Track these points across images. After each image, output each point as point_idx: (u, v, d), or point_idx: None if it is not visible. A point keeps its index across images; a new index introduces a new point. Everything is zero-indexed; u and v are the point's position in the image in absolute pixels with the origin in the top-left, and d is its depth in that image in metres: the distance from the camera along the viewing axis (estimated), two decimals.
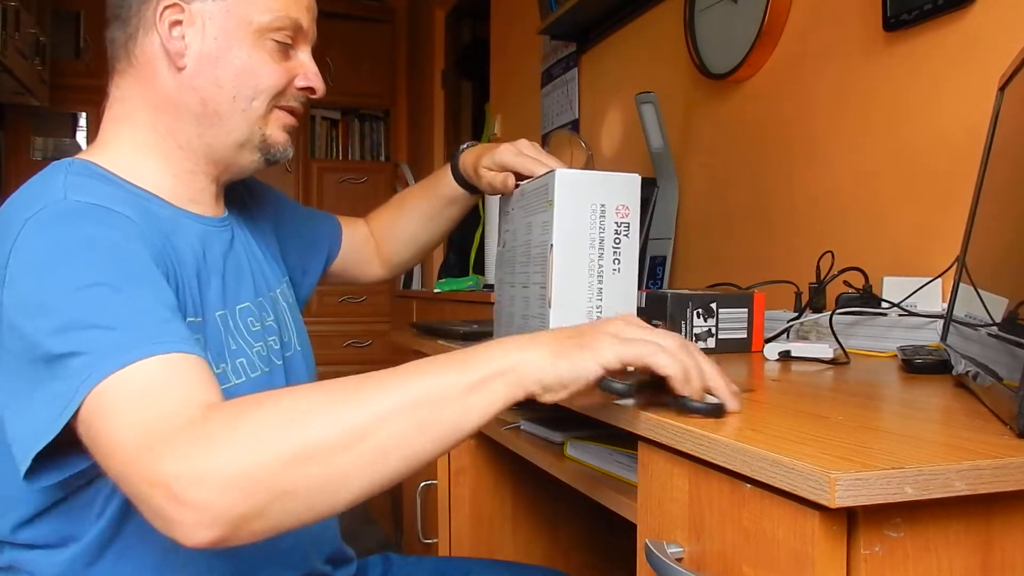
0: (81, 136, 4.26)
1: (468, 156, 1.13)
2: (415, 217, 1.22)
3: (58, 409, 0.64)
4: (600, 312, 0.78)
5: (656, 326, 0.66)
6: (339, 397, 0.60)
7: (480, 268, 2.67)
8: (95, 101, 4.14)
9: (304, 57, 0.90)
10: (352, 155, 4.69)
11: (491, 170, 1.04)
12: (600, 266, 0.78)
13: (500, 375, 0.61)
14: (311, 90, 0.91)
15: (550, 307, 0.77)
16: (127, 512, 0.77)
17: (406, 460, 0.60)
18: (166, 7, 0.83)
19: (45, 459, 0.67)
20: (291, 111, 0.90)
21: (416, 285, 3.91)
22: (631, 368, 0.63)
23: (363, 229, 1.26)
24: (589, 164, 2.07)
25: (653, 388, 0.65)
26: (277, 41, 0.86)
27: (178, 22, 0.84)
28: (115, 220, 0.75)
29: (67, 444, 0.66)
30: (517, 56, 3.09)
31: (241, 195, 1.02)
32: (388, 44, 4.63)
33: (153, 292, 0.71)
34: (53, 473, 0.71)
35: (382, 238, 1.25)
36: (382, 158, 4.74)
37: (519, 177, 0.99)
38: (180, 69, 0.84)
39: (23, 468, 0.67)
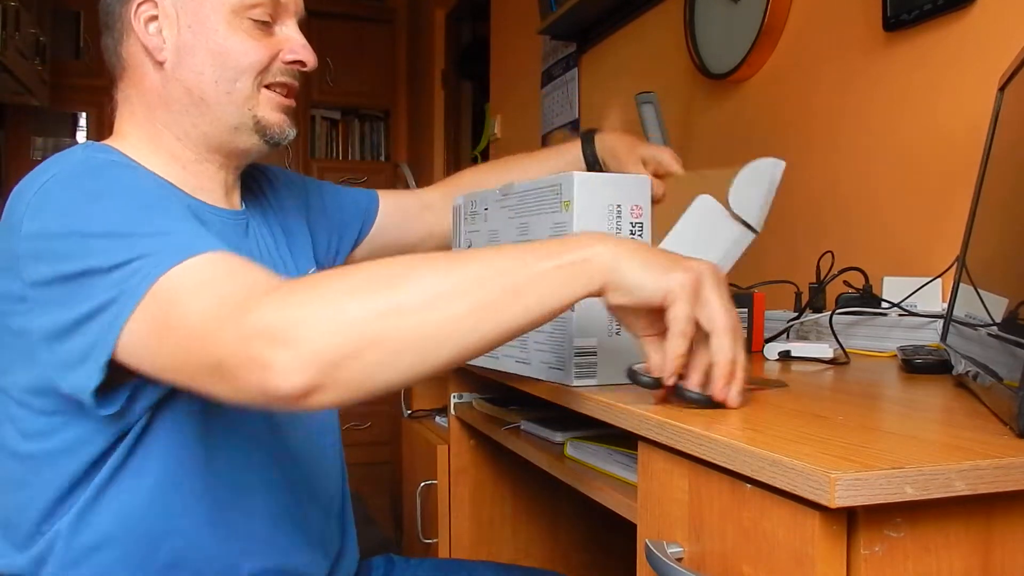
0: (81, 136, 4.25)
1: (612, 139, 1.15)
2: (514, 175, 1.15)
3: (113, 313, 0.65)
4: None
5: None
6: (425, 267, 0.62)
7: None
8: (95, 101, 4.17)
9: (289, 31, 0.89)
10: (352, 155, 4.68)
11: (646, 164, 1.08)
12: None
13: (585, 262, 0.63)
14: (301, 63, 0.90)
15: (573, 311, 0.78)
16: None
17: (495, 325, 0.61)
18: (139, 4, 0.85)
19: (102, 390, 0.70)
20: (285, 89, 0.90)
21: None
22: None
23: (423, 198, 1.22)
24: None
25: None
26: (254, 19, 0.86)
27: (154, 17, 0.85)
28: (142, 173, 0.79)
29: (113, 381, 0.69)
30: (517, 56, 3.09)
31: (261, 187, 1.03)
32: (388, 44, 4.62)
33: (187, 216, 0.73)
34: (118, 396, 0.73)
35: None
36: (382, 158, 4.73)
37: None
38: (161, 63, 0.85)
39: (91, 385, 0.69)
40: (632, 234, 0.79)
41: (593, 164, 1.17)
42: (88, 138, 4.21)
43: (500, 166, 1.23)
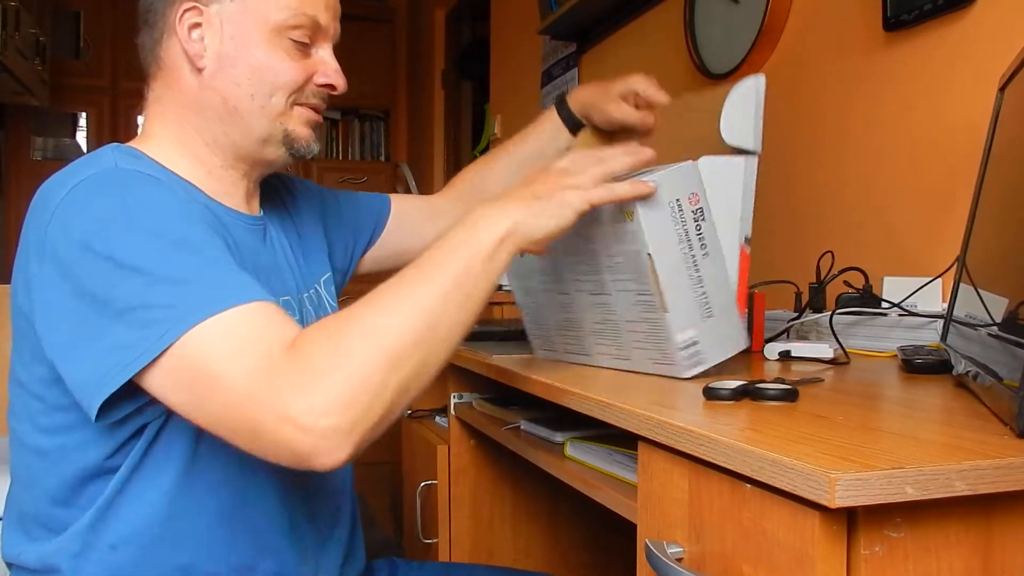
0: (81, 136, 4.26)
1: (579, 92, 1.14)
2: (511, 161, 1.20)
3: (129, 358, 0.67)
4: (706, 298, 0.82)
5: None
6: (398, 306, 0.70)
7: None
8: (95, 101, 4.18)
9: (324, 54, 0.91)
10: (352, 155, 4.68)
11: (627, 100, 1.08)
12: (693, 256, 0.82)
13: (505, 238, 0.74)
14: (332, 87, 0.92)
15: (667, 311, 0.81)
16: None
17: (465, 327, 0.72)
18: (186, 10, 0.86)
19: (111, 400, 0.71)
20: (313, 108, 0.92)
21: None
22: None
23: (431, 203, 1.23)
24: None
25: (747, 390, 0.71)
26: (294, 40, 0.87)
27: (197, 24, 0.86)
28: (168, 189, 0.79)
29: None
30: (517, 56, 3.09)
31: (280, 195, 1.04)
32: (388, 44, 4.63)
33: (215, 246, 0.74)
34: (119, 409, 0.74)
35: (468, 195, 1.21)
36: (382, 158, 4.74)
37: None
38: (200, 70, 0.87)
39: (92, 413, 0.71)
40: (697, 221, 0.82)
41: (576, 125, 1.15)
42: (88, 138, 4.21)
43: (493, 158, 1.23)
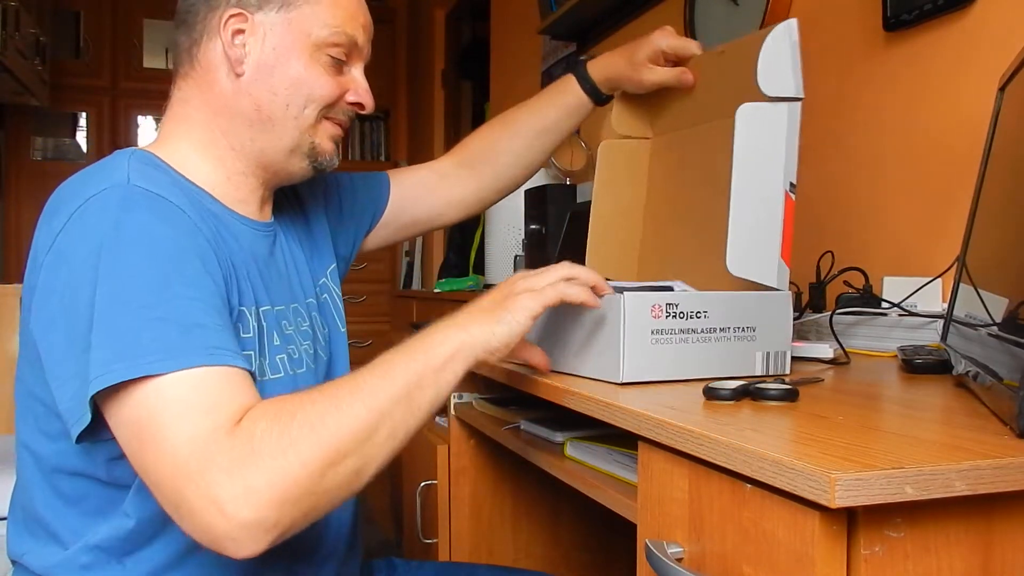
0: (81, 136, 4.26)
1: (602, 65, 1.13)
2: (524, 133, 1.19)
3: (99, 385, 0.68)
4: (740, 329, 0.84)
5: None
6: (347, 401, 0.70)
7: (480, 268, 2.67)
8: (95, 101, 4.18)
9: (356, 74, 0.94)
10: (352, 155, 4.69)
11: (654, 64, 1.07)
12: (700, 331, 0.81)
13: (457, 352, 0.75)
14: (360, 106, 0.94)
15: (738, 373, 0.84)
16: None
17: (407, 434, 0.73)
18: (231, 16, 0.86)
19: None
20: (339, 124, 0.93)
21: (416, 285, 3.91)
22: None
23: (437, 169, 1.22)
24: (590, 165, 2.07)
25: (748, 390, 0.71)
26: (332, 56, 0.89)
27: (240, 31, 0.87)
28: (174, 215, 0.78)
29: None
30: (517, 56, 3.09)
31: (287, 196, 1.04)
32: (388, 44, 4.63)
33: (201, 295, 0.74)
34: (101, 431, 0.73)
35: (477, 162, 1.21)
36: (382, 158, 4.74)
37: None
38: (238, 75, 0.87)
39: (72, 436, 0.72)
40: (673, 317, 0.80)
41: (601, 98, 1.15)
42: (88, 138, 4.21)
43: (505, 127, 1.21)
